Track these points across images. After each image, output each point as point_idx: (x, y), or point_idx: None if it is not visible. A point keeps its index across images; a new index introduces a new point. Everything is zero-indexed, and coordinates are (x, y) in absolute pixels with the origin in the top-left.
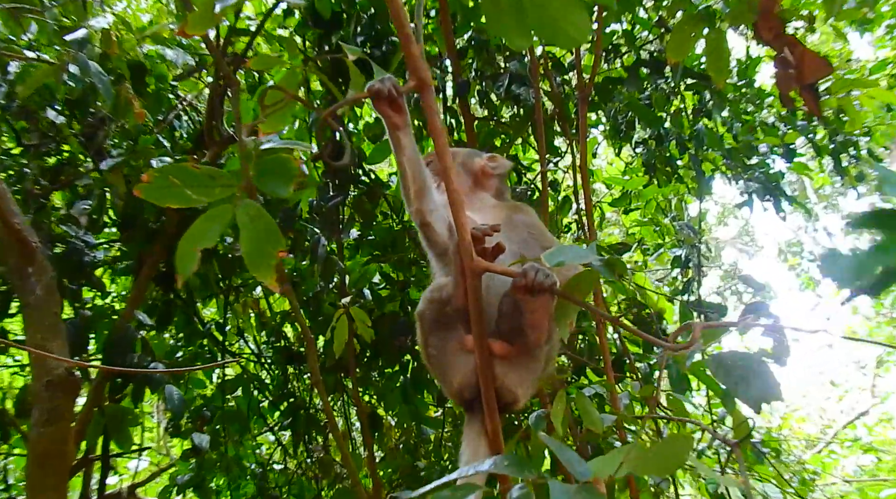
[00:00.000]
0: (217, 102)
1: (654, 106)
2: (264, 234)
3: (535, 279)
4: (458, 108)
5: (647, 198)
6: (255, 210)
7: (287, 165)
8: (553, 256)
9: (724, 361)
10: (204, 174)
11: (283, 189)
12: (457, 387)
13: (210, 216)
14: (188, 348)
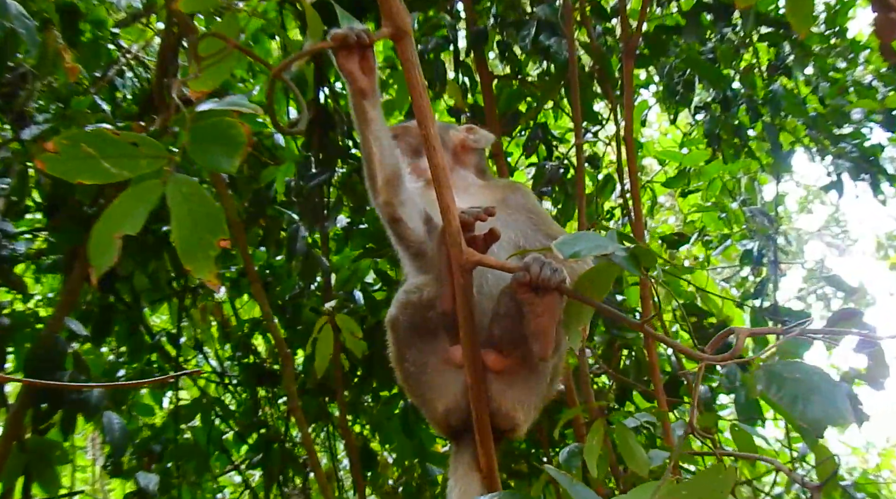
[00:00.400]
0: (170, 55)
1: (718, 61)
2: (202, 217)
3: (541, 275)
4: (472, 64)
5: (710, 177)
6: (189, 187)
7: (230, 130)
8: (565, 245)
9: (777, 374)
10: (126, 142)
11: (225, 161)
12: (441, 412)
13: (133, 194)
14: (132, 365)
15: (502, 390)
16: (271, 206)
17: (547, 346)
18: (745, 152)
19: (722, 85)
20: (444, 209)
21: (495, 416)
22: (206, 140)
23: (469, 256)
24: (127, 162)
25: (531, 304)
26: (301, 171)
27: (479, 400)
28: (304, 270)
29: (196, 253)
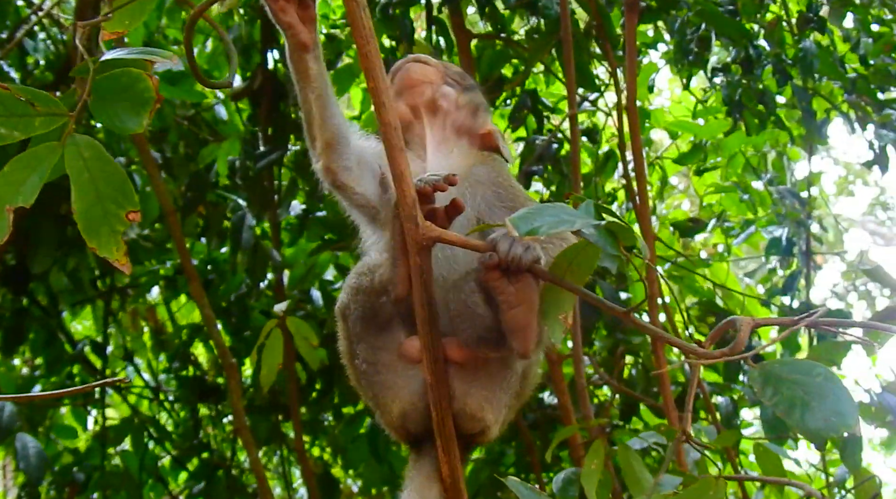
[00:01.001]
0: (90, 13)
1: (740, 14)
2: (106, 186)
3: (510, 253)
4: (447, 21)
5: (731, 152)
6: (91, 150)
7: (136, 84)
8: (522, 220)
9: (774, 374)
10: (16, 98)
11: (130, 119)
12: (397, 415)
13: (25, 159)
14: (50, 379)
15: (467, 387)
16: (212, 190)
17: (528, 341)
18: (771, 122)
19: (744, 42)
20: (397, 176)
21: (460, 417)
22: (109, 95)
23: (427, 232)
24: (18, 121)
25: (503, 292)
26: (247, 149)
27: (441, 399)
28: (251, 265)
29: (100, 228)
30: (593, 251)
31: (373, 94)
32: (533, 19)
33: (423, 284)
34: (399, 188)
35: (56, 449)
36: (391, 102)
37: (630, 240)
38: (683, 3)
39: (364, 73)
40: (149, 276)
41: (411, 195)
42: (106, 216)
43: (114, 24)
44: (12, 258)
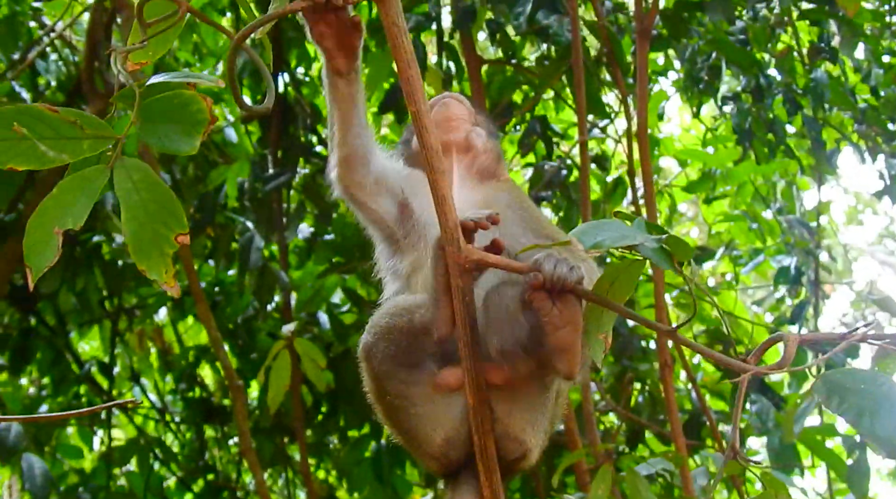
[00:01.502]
0: (101, 34)
1: (750, 43)
2: (155, 208)
3: (555, 273)
4: (457, 46)
5: (740, 180)
6: (141, 173)
7: (189, 105)
8: (585, 234)
9: (839, 384)
10: (66, 121)
11: (183, 141)
12: (440, 443)
13: (75, 182)
14: (57, 399)
15: (508, 410)
16: (221, 212)
17: (574, 363)
18: (781, 151)
19: (754, 71)
20: (439, 200)
21: (503, 440)
22: (159, 117)
23: (468, 254)
24: (66, 144)
25: (548, 313)
26: (256, 171)
27: (483, 422)
28: (259, 287)
29: (149, 250)
30: (636, 270)
31: (414, 118)
32: (543, 46)
33: (465, 307)
34: (441, 211)
35: (62, 469)
36: (433, 126)
37: (686, 256)
38: (694, 32)
39: (406, 98)
40: (156, 297)
41: (453, 219)
42: (156, 238)
43: (141, 55)
44: (20, 278)
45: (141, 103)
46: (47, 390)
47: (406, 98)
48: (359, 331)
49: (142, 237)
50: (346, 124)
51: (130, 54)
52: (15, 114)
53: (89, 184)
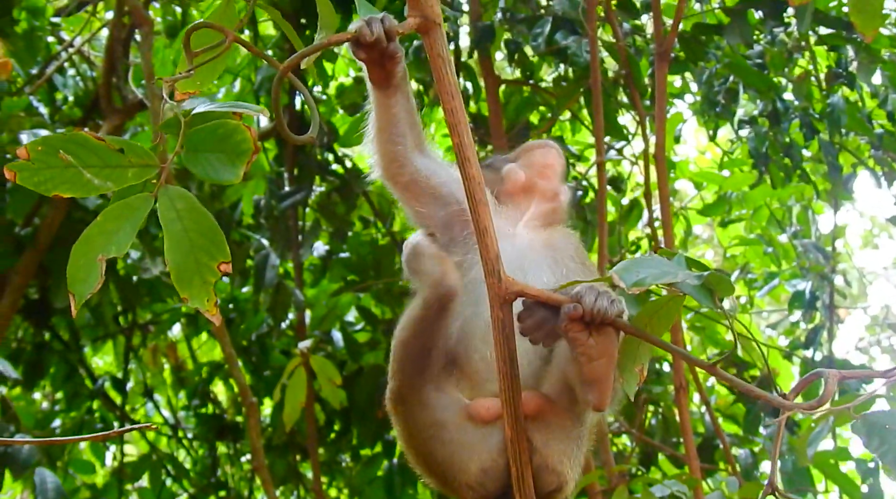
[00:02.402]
0: (120, 50)
1: (767, 67)
2: (198, 237)
3: (596, 306)
4: (475, 67)
5: (756, 204)
6: (185, 201)
7: (234, 135)
8: (627, 271)
9: (880, 425)
10: (110, 149)
11: (228, 170)
12: (475, 474)
13: (119, 210)
14: (70, 414)
15: (545, 441)
16: (236, 229)
17: (605, 394)
18: (797, 175)
19: (771, 95)
20: (480, 230)
21: (541, 472)
22: (204, 147)
23: (509, 286)
24: (111, 172)
25: (583, 344)
26: (272, 188)
27: (520, 453)
28: (273, 304)
29: (192, 278)
30: (675, 304)
31: (457, 150)
32: (561, 67)
33: (504, 339)
34: (482, 243)
35: (74, 484)
36: (475, 158)
37: (727, 292)
38: (712, 55)
39: (449, 129)
40: (170, 313)
41: (494, 250)
42: (198, 267)
43: (189, 84)
44: (35, 292)
45: (188, 132)
46: (60, 404)
47: (449, 129)
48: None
49: (185, 266)
50: (380, 130)
51: (177, 83)
52: (61, 141)
53: (133, 212)
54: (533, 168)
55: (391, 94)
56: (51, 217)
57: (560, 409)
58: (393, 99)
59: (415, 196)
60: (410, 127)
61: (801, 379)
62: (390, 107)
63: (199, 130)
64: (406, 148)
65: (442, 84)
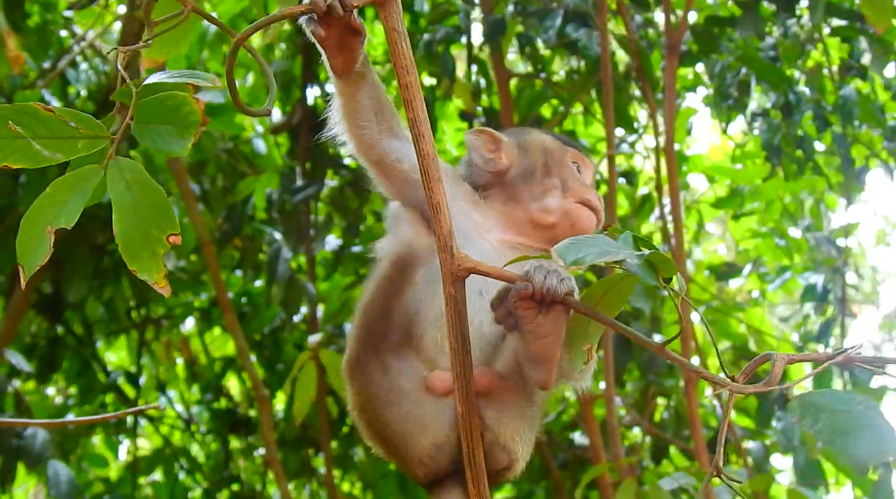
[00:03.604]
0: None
1: (780, 60)
2: (149, 208)
3: (545, 284)
4: (487, 61)
5: (768, 198)
6: (133, 173)
7: (182, 107)
8: (567, 250)
9: (814, 404)
10: (60, 120)
11: (176, 142)
12: (427, 449)
13: (67, 181)
14: (83, 407)
15: (497, 419)
16: (249, 223)
17: (550, 373)
18: (809, 168)
19: (784, 88)
20: (433, 206)
21: (492, 449)
22: (153, 118)
23: (462, 263)
24: (61, 144)
25: (532, 322)
26: (285, 183)
27: (472, 431)
28: (286, 298)
29: (141, 251)
30: (627, 284)
31: (412, 125)
32: (573, 60)
33: (457, 315)
34: (436, 219)
35: (87, 477)
36: (429, 133)
37: (670, 272)
38: (724, 48)
39: (404, 104)
40: (183, 307)
41: (447, 226)
42: (147, 239)
43: (153, 52)
44: (48, 287)
45: (137, 103)
46: (74, 398)
47: (404, 104)
48: None
49: (133, 238)
50: (343, 117)
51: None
52: (11, 112)
53: (82, 183)
54: (567, 219)
55: (354, 82)
56: None
57: (512, 387)
58: (355, 87)
59: (386, 175)
60: (377, 112)
61: (751, 362)
62: (353, 95)
63: (148, 100)
64: (373, 132)
65: (397, 58)
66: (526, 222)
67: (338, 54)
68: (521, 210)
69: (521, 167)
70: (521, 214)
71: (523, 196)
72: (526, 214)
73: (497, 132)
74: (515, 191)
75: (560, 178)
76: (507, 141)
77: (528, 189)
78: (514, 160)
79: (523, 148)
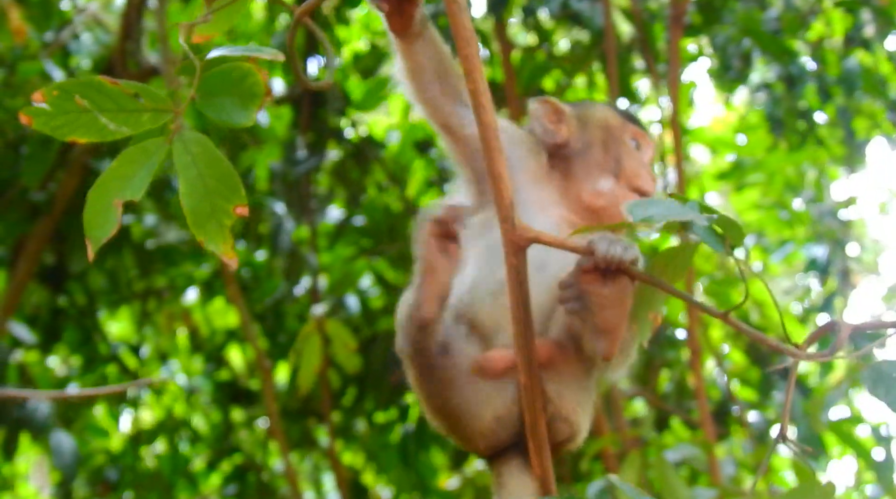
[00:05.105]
0: (134, 16)
1: (783, 31)
2: (216, 180)
3: (609, 252)
4: (489, 33)
5: (771, 170)
6: (200, 145)
7: (247, 78)
8: (637, 207)
9: (886, 371)
10: (126, 93)
11: (241, 114)
12: (489, 422)
13: (134, 154)
14: (86, 376)
15: (558, 391)
16: (251, 194)
17: (615, 343)
18: (812, 141)
19: (786, 60)
20: (494, 176)
21: (554, 420)
22: (217, 91)
23: (523, 233)
24: (127, 117)
25: (597, 293)
26: (287, 154)
27: (535, 401)
28: (288, 270)
29: (208, 222)
30: (690, 252)
31: (472, 96)
32: (576, 32)
33: (518, 286)
34: (497, 188)
35: (89, 449)
36: (490, 103)
37: (739, 239)
38: (726, 19)
39: (465, 75)
40: (185, 278)
41: (508, 197)
42: (214, 211)
43: (210, 27)
44: (50, 257)
45: (202, 76)
46: (77, 369)
47: (465, 76)
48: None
49: (200, 210)
50: (407, 79)
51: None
52: (76, 86)
53: (149, 156)
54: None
55: (412, 40)
56: (66, 182)
57: (571, 357)
58: (414, 46)
59: (453, 140)
60: (439, 75)
61: (815, 330)
62: (413, 54)
63: (212, 73)
64: (436, 94)
65: (457, 30)
66: (579, 202)
67: (396, 15)
68: (576, 188)
69: (580, 142)
70: (576, 192)
71: (579, 174)
72: (579, 193)
73: (561, 103)
74: (573, 166)
75: (616, 157)
76: (569, 112)
77: (585, 166)
78: (574, 134)
79: (583, 122)
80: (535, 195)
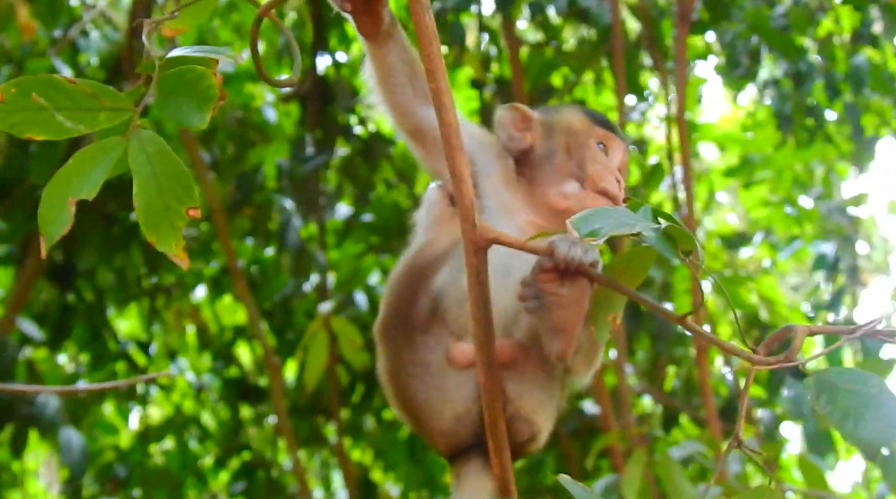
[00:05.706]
0: (142, 13)
1: (791, 28)
2: (168, 181)
3: (569, 254)
4: (498, 29)
5: (779, 167)
6: (155, 145)
7: (200, 81)
8: (582, 221)
9: (830, 383)
10: (83, 92)
11: (193, 115)
12: (449, 420)
13: (90, 153)
14: (95, 374)
15: (519, 391)
16: (260, 191)
17: (569, 343)
18: (820, 137)
19: (794, 57)
20: (455, 175)
21: (514, 421)
22: (173, 91)
23: (483, 233)
24: (84, 115)
25: (555, 293)
26: (295, 151)
27: (494, 401)
28: (296, 267)
29: (160, 223)
30: (649, 255)
31: (434, 96)
32: (584, 28)
33: (479, 285)
34: (457, 188)
35: (98, 445)
36: (452, 103)
37: (689, 245)
38: (734, 16)
39: (427, 74)
40: (194, 275)
41: (469, 197)
42: (167, 211)
43: (178, 22)
44: (59, 255)
45: (159, 76)
46: (85, 366)
47: (427, 75)
48: None
49: (153, 210)
50: (377, 83)
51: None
52: (34, 84)
53: (105, 155)
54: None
55: (382, 42)
56: None
57: (534, 359)
58: (385, 48)
59: (422, 145)
60: (410, 77)
61: (771, 335)
62: (383, 57)
63: (169, 74)
64: (408, 97)
65: (420, 28)
66: (544, 206)
67: (362, 18)
68: (541, 193)
69: (544, 148)
70: (542, 197)
71: (545, 179)
72: (545, 198)
73: (529, 110)
74: (539, 172)
75: (580, 161)
76: (536, 118)
77: (550, 171)
78: (539, 140)
79: (548, 127)
80: (502, 200)
